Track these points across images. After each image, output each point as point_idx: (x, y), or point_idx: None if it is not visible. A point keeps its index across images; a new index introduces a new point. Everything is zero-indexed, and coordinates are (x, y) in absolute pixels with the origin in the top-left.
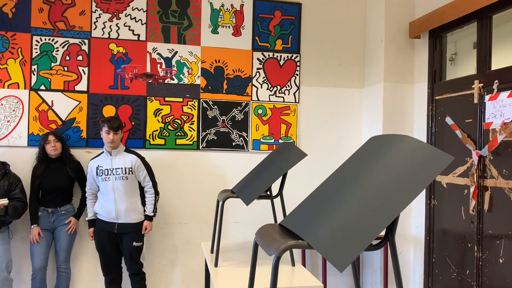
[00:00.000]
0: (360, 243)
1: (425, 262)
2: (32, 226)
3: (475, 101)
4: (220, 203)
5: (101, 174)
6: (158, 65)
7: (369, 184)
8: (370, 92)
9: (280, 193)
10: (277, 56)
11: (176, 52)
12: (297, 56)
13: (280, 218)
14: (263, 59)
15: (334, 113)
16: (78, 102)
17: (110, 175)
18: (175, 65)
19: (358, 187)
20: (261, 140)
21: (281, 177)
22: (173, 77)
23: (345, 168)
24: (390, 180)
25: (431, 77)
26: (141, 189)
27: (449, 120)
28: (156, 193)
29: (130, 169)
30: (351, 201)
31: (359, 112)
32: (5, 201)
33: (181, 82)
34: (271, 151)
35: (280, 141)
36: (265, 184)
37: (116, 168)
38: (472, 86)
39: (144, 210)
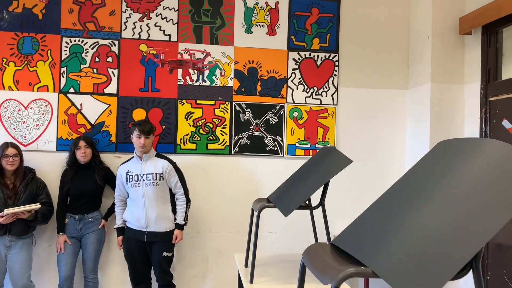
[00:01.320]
0: (442, 274)
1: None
2: (58, 234)
3: None
4: (256, 213)
5: (131, 180)
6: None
7: (448, 199)
8: (416, 94)
9: (321, 203)
10: (314, 56)
11: (209, 53)
12: (335, 56)
13: (320, 230)
14: (299, 59)
15: (376, 116)
16: (108, 105)
17: (140, 181)
18: (207, 66)
19: (433, 202)
20: (297, 144)
21: (322, 186)
22: (205, 78)
23: (411, 178)
24: (475, 194)
25: (485, 77)
26: (172, 196)
27: (506, 124)
28: (188, 201)
29: (161, 175)
30: (426, 220)
31: (402, 115)
32: (37, 205)
33: (213, 84)
34: (307, 156)
35: (317, 146)
36: (306, 193)
37: (146, 174)
38: None
39: (175, 219)
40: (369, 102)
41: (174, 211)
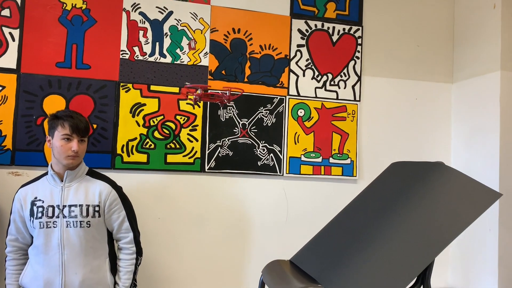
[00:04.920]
0: None
1: None
2: None
3: None
4: None
5: (40, 214)
6: (141, 33)
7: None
8: (470, 88)
9: (425, 281)
10: (328, 28)
11: (171, 13)
12: (358, 30)
13: None
14: (307, 31)
15: (413, 118)
16: (1, 88)
17: (58, 217)
18: (169, 33)
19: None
20: (303, 158)
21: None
22: (165, 52)
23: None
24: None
25: None
26: (111, 243)
27: None
28: (139, 252)
29: (97, 208)
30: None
31: (446, 118)
32: None
33: (178, 62)
34: (317, 176)
35: (332, 160)
36: (412, 269)
37: (71, 206)
38: None
39: (116, 284)
40: (404, 99)
41: (114, 269)
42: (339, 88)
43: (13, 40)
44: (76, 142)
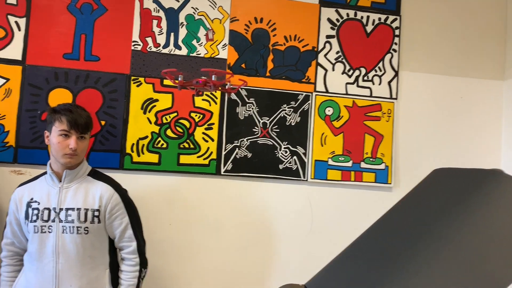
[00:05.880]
0: None
1: None
2: None
3: None
4: None
5: (34, 217)
6: (155, 22)
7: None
8: None
9: None
10: (361, 17)
11: (187, 1)
12: (395, 20)
13: None
14: (337, 20)
15: (457, 119)
16: (5, 81)
17: (54, 221)
18: (185, 23)
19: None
20: (330, 162)
21: None
22: (180, 43)
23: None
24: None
25: None
26: (112, 251)
27: None
28: (143, 264)
29: (97, 213)
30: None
31: (496, 121)
32: None
33: (194, 54)
34: (346, 182)
35: (363, 165)
36: None
37: (68, 209)
38: None
39: None
40: (448, 97)
41: (115, 280)
42: (373, 84)
43: (19, 29)
44: (75, 139)
